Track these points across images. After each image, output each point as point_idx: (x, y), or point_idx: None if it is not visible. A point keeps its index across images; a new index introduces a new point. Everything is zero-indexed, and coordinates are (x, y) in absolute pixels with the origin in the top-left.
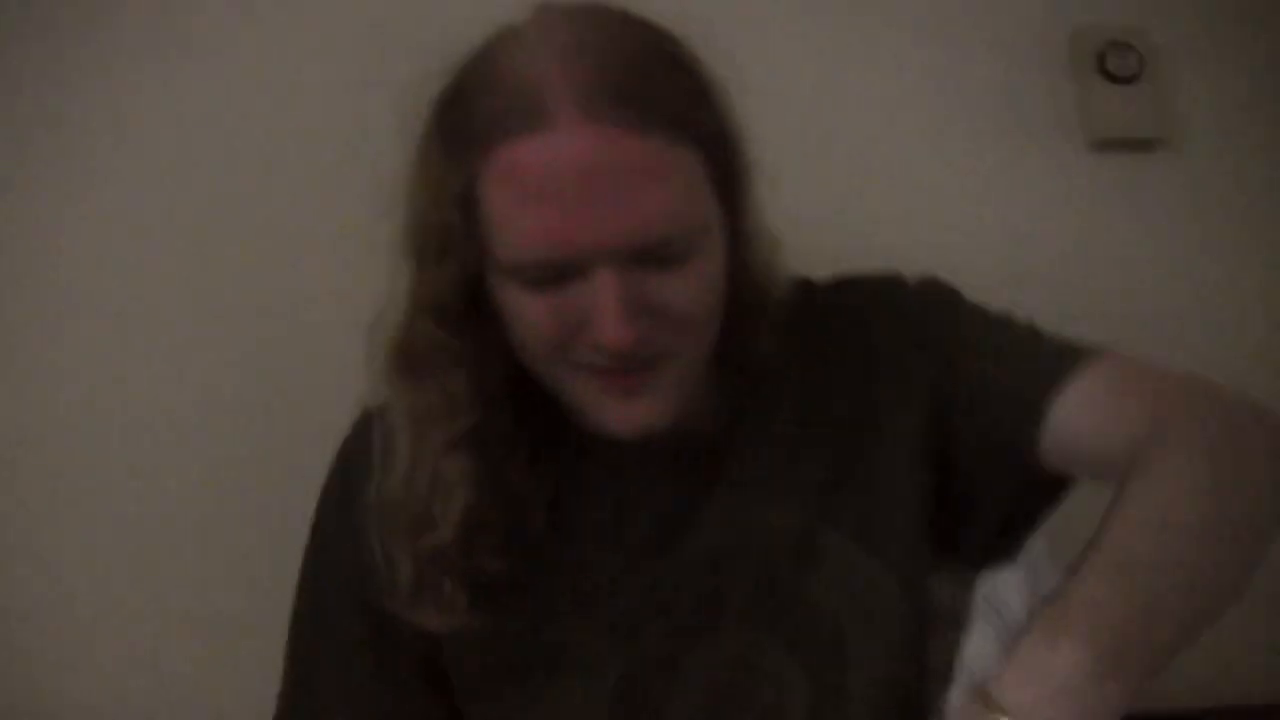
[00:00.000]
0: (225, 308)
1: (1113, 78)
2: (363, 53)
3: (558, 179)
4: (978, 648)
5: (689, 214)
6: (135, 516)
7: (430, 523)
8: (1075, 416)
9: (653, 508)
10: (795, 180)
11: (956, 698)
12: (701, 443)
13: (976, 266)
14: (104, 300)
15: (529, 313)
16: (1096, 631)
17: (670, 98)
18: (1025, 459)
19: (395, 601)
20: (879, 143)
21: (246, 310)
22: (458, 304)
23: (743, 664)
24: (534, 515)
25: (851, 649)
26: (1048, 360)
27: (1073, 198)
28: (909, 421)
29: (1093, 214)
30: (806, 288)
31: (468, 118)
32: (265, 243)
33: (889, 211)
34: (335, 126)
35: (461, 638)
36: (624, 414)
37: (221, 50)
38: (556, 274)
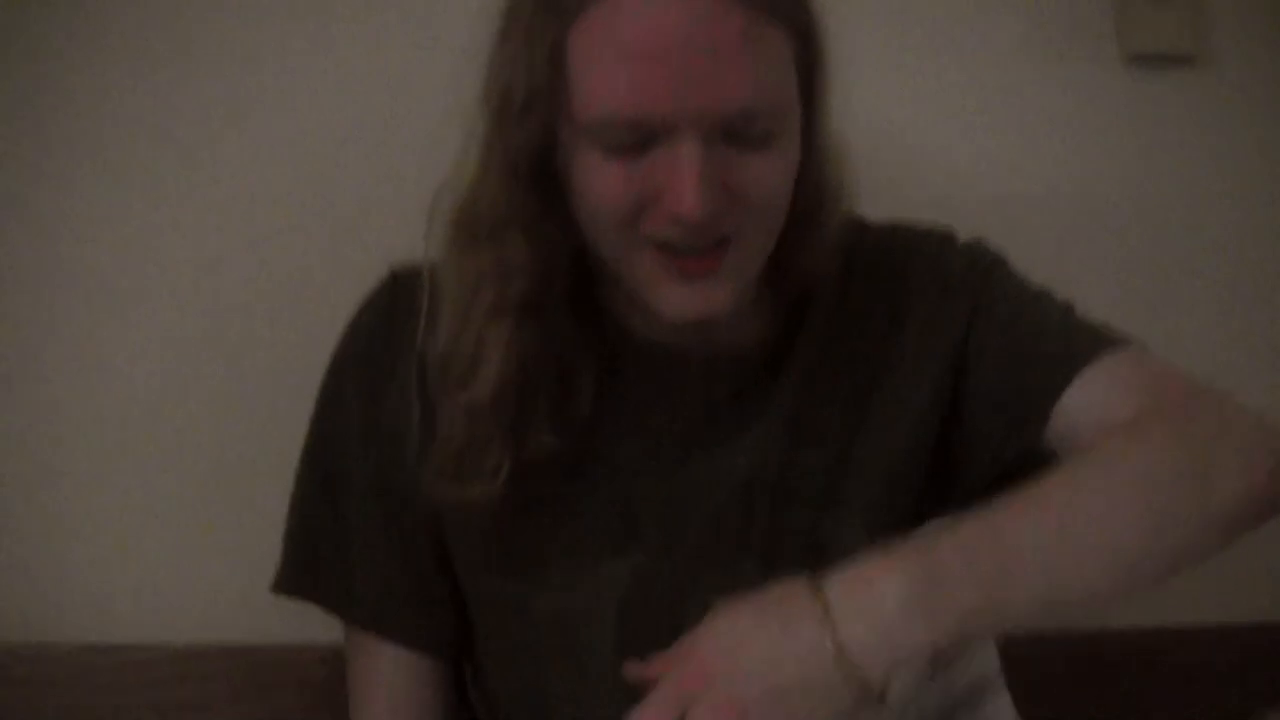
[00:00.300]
0: (231, 300)
1: None
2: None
3: (656, 38)
4: None
5: (778, 94)
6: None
7: (471, 381)
8: (1080, 402)
9: (685, 417)
10: None
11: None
12: (740, 362)
13: (1007, 185)
14: (105, 292)
15: (604, 179)
16: (922, 574)
17: None
18: (1032, 431)
19: (427, 468)
20: (901, 58)
21: (251, 302)
22: (531, 167)
23: None
24: (577, 397)
25: None
26: (1074, 341)
27: (1108, 114)
28: (927, 373)
29: (1128, 130)
30: (859, 228)
31: None
32: (270, 237)
33: (915, 130)
34: (341, 129)
35: (471, 515)
36: (685, 297)
37: (222, 53)
38: (638, 138)
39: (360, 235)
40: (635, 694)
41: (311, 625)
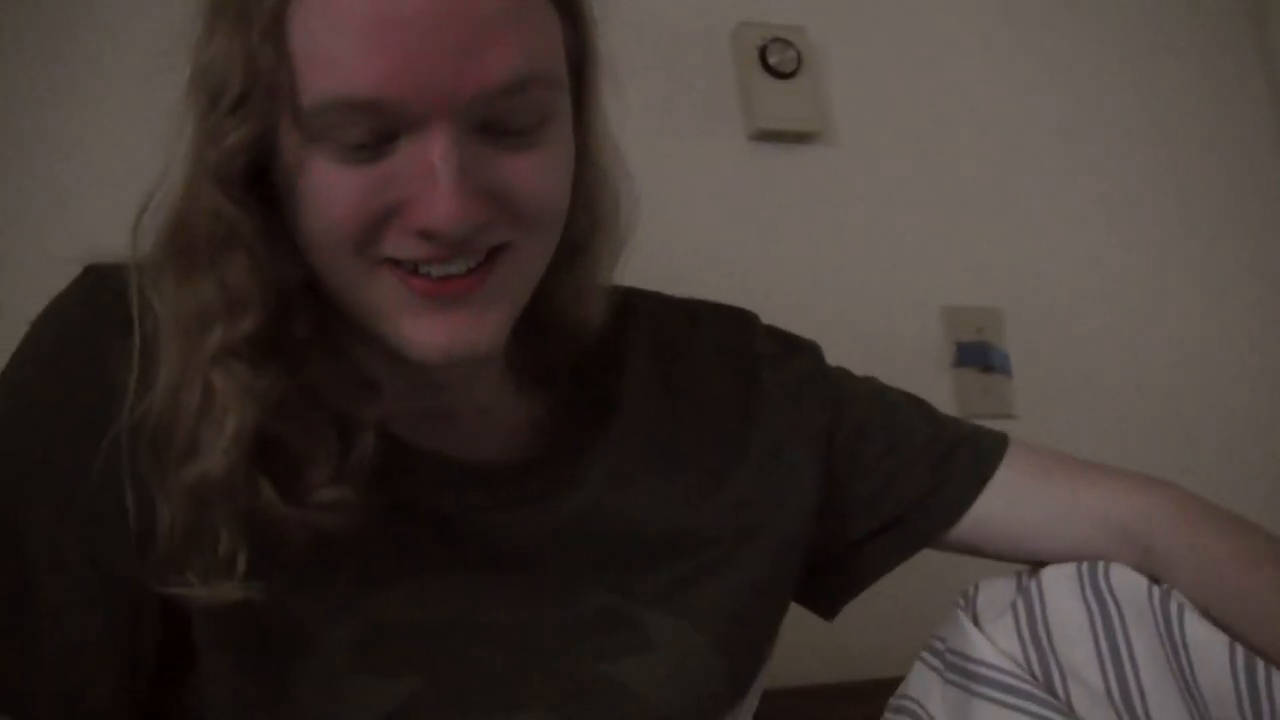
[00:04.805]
0: None
1: (773, 72)
2: None
3: (402, 4)
4: (918, 688)
5: (547, 75)
6: None
7: (196, 450)
8: (1005, 511)
9: (446, 530)
10: None
11: None
12: (515, 462)
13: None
14: None
15: (333, 188)
16: None
17: None
18: (924, 545)
19: (147, 562)
20: None
21: None
22: (249, 174)
23: None
24: (352, 454)
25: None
26: (958, 455)
27: (734, 186)
28: (790, 489)
29: (753, 202)
30: (645, 295)
31: None
32: None
33: None
34: None
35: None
36: (437, 329)
37: None
38: (378, 132)
39: None
40: None
41: None
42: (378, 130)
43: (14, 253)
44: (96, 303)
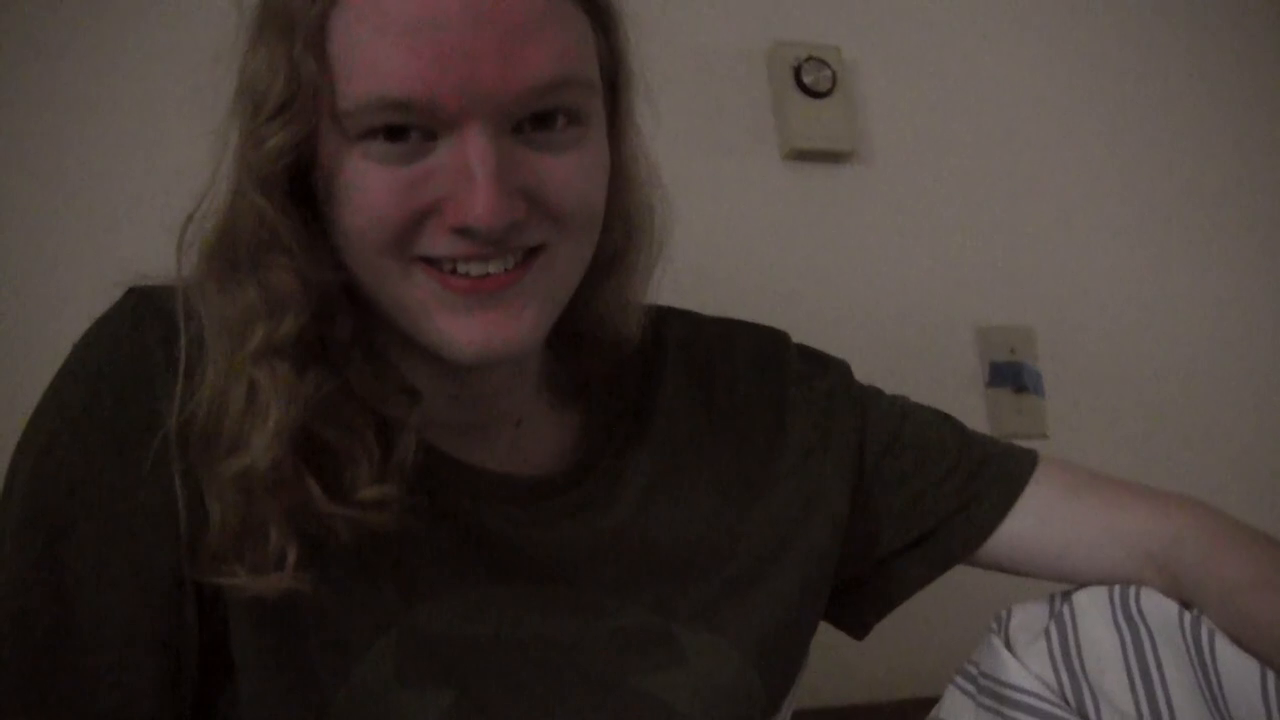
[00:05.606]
0: None
1: (808, 91)
2: None
3: (437, 8)
4: (951, 711)
5: (581, 78)
6: None
7: (241, 445)
8: (1036, 529)
9: (488, 544)
10: None
11: None
12: (558, 469)
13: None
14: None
15: (372, 188)
16: None
17: None
18: (953, 563)
19: (199, 556)
20: None
21: None
22: (290, 178)
23: None
24: (393, 455)
25: None
26: (987, 472)
27: (768, 205)
28: (821, 505)
29: (787, 220)
30: (680, 315)
31: None
32: None
33: None
34: None
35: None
36: (473, 326)
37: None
38: (416, 131)
39: None
40: None
41: None
42: (415, 130)
43: (14, 254)
44: (139, 323)
